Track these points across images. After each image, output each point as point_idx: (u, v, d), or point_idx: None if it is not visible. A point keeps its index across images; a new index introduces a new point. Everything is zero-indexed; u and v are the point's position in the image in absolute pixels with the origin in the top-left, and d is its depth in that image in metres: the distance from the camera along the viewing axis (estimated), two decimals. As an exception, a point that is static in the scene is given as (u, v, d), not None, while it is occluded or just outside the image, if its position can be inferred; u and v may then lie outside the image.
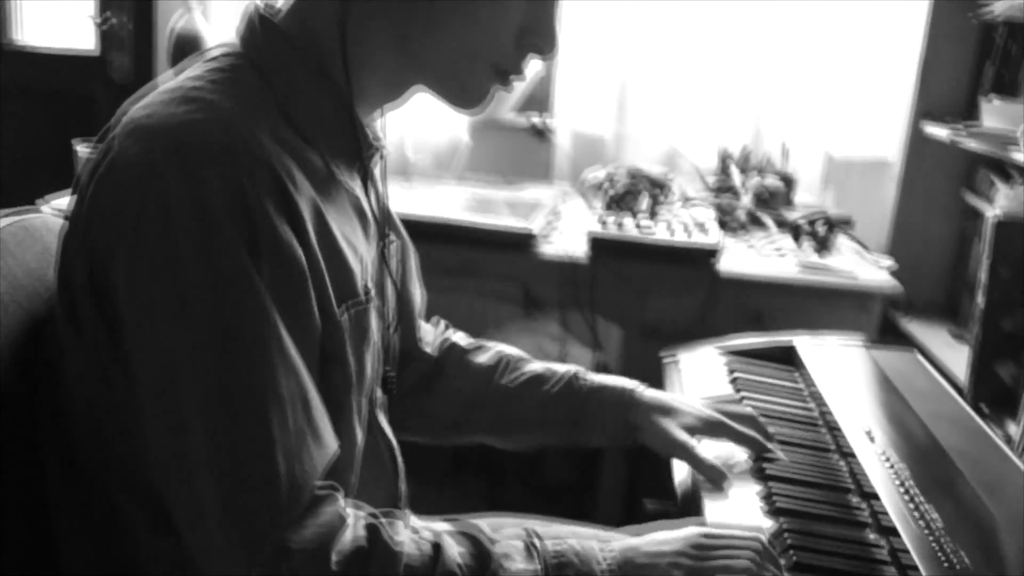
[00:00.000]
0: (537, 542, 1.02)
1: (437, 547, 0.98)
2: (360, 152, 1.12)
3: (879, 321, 2.32)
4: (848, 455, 1.39)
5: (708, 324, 2.21)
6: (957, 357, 2.21)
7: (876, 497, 1.24)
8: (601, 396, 1.42)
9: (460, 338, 1.51)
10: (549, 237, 2.41)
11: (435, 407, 1.45)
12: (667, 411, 1.40)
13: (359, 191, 1.14)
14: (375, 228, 1.18)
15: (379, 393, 1.21)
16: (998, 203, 2.16)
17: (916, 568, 1.07)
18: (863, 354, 1.79)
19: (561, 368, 1.47)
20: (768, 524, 1.19)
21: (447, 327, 1.53)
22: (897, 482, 1.25)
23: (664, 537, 1.06)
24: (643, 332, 2.34)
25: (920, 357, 1.81)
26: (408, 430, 1.37)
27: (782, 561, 1.08)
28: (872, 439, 1.39)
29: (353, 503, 1.00)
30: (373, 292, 1.12)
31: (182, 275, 0.92)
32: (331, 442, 0.99)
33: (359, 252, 1.10)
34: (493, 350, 1.49)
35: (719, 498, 1.27)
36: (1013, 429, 1.78)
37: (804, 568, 1.08)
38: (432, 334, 1.48)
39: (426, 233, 1.63)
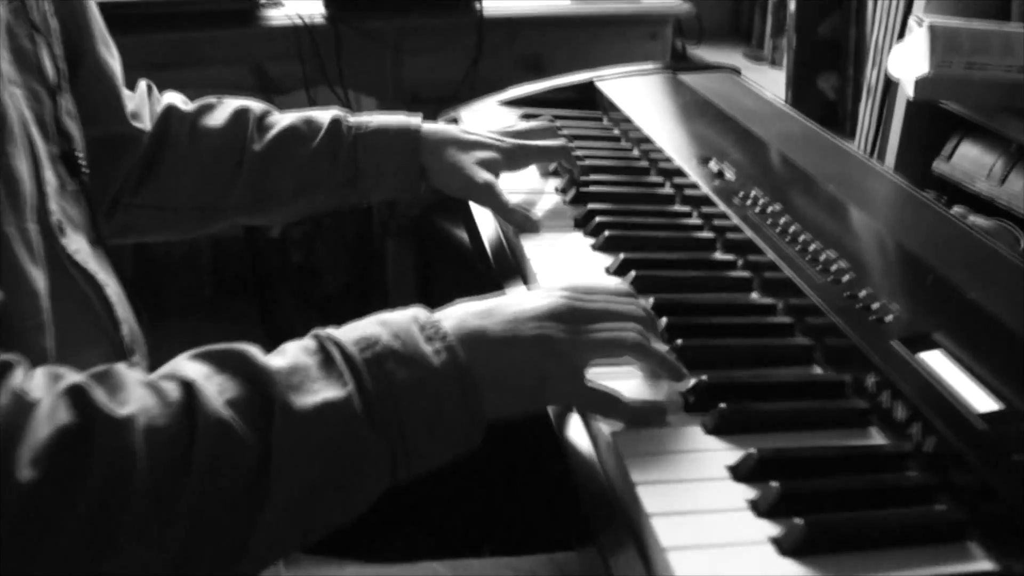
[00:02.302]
0: (334, 347, 0.66)
1: (189, 389, 0.62)
2: None
3: (670, 52, 2.03)
4: (697, 200, 1.09)
5: (478, 81, 1.87)
6: (762, 79, 1.95)
7: (752, 249, 0.95)
8: (376, 140, 1.10)
9: (179, 100, 1.12)
10: (278, 3, 1.97)
11: (167, 194, 1.08)
12: (461, 144, 1.11)
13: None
14: None
15: (56, 212, 0.80)
16: None
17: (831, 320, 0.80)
18: (673, 81, 1.49)
19: (320, 114, 1.12)
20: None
21: (151, 88, 1.12)
22: (769, 222, 0.97)
23: (520, 303, 0.72)
24: (403, 100, 1.97)
25: (739, 77, 1.53)
26: (144, 232, 1.11)
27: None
28: (720, 175, 1.09)
29: (48, 372, 0.62)
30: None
31: None
32: None
33: None
34: (228, 107, 1.11)
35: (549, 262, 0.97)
36: (850, 146, 1.54)
37: (679, 329, 0.79)
38: (139, 102, 1.08)
39: (121, 21, 1.20)
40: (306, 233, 2.32)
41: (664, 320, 0.82)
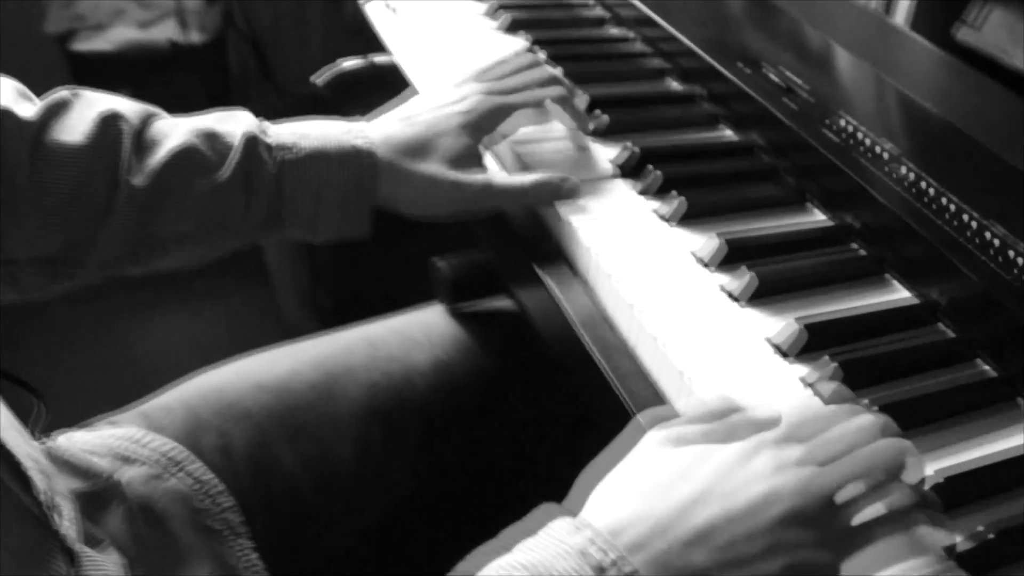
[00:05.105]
0: None
1: None
2: None
3: None
4: (756, 122, 0.83)
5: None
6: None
7: (886, 219, 0.70)
8: (312, 171, 0.74)
9: (13, 95, 0.71)
10: None
11: (9, 254, 0.70)
12: (416, 145, 0.76)
13: None
14: None
15: None
16: None
17: None
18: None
19: (227, 125, 0.74)
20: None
21: None
22: (895, 176, 0.72)
23: (728, 502, 0.45)
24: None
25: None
26: None
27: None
28: (790, 91, 0.83)
29: None
30: None
31: None
32: None
33: None
34: (90, 111, 0.71)
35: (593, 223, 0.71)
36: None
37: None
38: None
39: None
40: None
41: (843, 383, 0.57)
